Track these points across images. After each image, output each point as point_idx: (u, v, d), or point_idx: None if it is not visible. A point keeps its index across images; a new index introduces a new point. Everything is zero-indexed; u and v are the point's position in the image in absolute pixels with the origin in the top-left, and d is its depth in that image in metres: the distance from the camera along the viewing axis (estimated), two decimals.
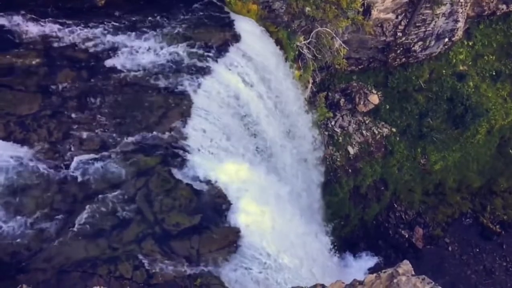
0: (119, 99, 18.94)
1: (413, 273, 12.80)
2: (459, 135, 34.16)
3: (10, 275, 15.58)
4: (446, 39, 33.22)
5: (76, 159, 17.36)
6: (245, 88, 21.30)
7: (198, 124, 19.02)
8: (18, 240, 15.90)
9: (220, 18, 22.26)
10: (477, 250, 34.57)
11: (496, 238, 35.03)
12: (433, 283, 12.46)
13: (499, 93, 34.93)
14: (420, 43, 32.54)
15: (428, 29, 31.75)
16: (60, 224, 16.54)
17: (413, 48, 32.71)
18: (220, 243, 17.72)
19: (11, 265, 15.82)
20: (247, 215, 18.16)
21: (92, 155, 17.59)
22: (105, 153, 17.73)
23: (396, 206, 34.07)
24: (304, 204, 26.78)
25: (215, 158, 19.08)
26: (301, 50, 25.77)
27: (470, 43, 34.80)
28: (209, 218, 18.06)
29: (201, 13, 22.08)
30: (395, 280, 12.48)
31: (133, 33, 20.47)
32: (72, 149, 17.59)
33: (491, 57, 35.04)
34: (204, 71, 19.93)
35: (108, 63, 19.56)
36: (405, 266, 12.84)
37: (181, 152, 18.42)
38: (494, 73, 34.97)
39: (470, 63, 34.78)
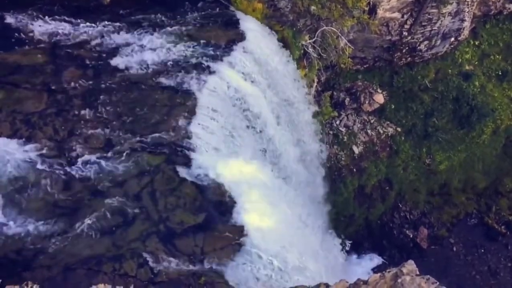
0: (124, 97, 18.98)
1: (417, 273, 12.77)
2: (465, 135, 34.00)
3: (15, 273, 15.64)
4: (452, 39, 33.05)
5: (81, 157, 17.42)
6: (249, 87, 21.30)
7: (203, 123, 19.03)
8: (24, 237, 15.96)
9: (225, 17, 22.27)
10: (482, 250, 34.42)
11: (501, 238, 34.86)
12: (438, 283, 12.44)
13: (505, 93, 34.73)
14: (426, 42, 32.39)
15: (434, 28, 31.60)
16: (65, 222, 16.59)
17: (418, 48, 32.57)
18: (225, 242, 17.72)
19: (17, 262, 15.90)
20: (251, 213, 18.16)
21: (97, 154, 17.63)
22: (110, 152, 17.77)
23: (401, 206, 33.98)
24: (309, 202, 26.75)
25: (219, 157, 19.08)
26: (306, 49, 25.72)
27: (477, 43, 34.61)
28: (213, 216, 18.08)
29: (206, 12, 22.09)
30: (399, 280, 12.46)
31: (138, 32, 20.52)
32: (77, 147, 17.63)
33: (497, 56, 34.83)
34: (209, 70, 19.95)
35: (113, 61, 19.62)
36: (410, 266, 12.81)
37: (185, 150, 18.44)
38: (500, 73, 34.77)
39: (476, 62, 34.60)
